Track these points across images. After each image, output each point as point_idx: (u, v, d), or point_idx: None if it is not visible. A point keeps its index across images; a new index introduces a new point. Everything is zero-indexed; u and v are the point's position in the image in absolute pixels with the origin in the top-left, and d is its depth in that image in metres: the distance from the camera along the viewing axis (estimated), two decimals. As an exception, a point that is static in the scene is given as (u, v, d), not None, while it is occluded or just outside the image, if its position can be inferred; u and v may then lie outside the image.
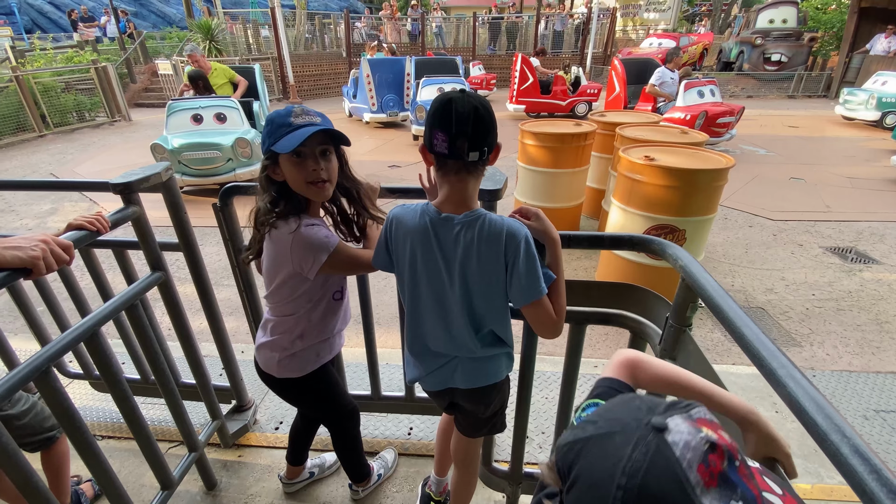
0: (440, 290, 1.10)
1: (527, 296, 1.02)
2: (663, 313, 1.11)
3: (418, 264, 1.10)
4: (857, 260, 3.86)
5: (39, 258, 1.00)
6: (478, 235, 1.02)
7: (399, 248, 1.13)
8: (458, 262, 1.05)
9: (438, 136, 0.96)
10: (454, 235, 1.04)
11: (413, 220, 1.09)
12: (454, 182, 1.03)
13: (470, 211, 1.05)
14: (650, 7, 18.65)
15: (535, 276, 1.01)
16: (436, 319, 1.14)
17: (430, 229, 1.06)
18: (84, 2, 21.13)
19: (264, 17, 14.15)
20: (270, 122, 1.10)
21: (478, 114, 0.94)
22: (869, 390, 2.44)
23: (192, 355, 1.73)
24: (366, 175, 1.34)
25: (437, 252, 1.07)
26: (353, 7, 27.34)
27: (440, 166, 1.03)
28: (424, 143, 1.03)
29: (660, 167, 2.82)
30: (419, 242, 1.08)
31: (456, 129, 0.94)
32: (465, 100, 0.94)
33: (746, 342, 0.74)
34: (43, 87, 8.74)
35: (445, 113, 0.94)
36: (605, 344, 2.81)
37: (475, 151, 0.97)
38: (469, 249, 1.03)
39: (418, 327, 1.19)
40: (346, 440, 1.63)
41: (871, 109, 8.75)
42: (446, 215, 1.05)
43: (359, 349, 2.42)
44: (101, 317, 1.26)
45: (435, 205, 1.07)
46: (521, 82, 9.44)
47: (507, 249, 1.01)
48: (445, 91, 0.97)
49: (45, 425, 1.42)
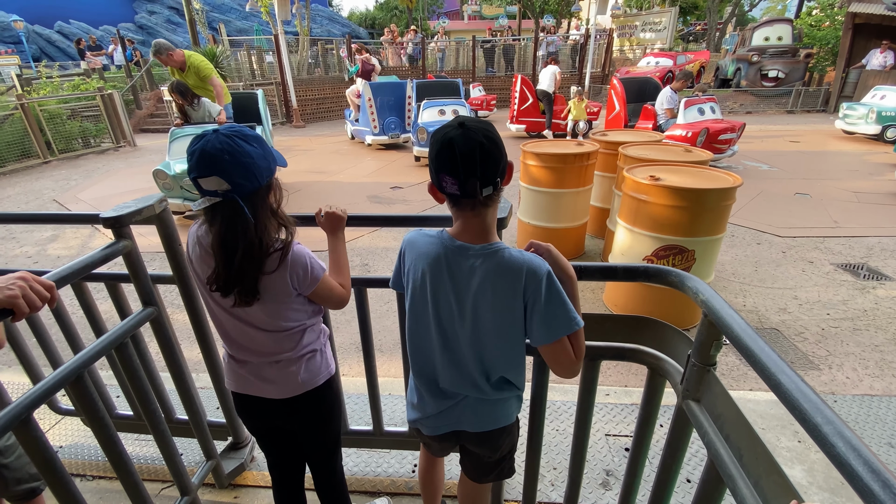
0: (448, 324, 1.04)
1: (553, 332, 0.95)
2: (683, 349, 1.04)
3: (428, 294, 1.04)
4: (869, 277, 3.77)
5: (18, 297, 0.93)
6: (495, 268, 0.96)
7: (409, 275, 1.07)
8: (472, 294, 0.98)
9: (447, 180, 0.91)
10: (469, 266, 0.98)
11: (426, 247, 1.03)
12: (470, 217, 0.98)
13: (488, 243, 0.98)
14: (646, 27, 18.96)
15: (563, 310, 0.94)
16: (444, 354, 1.07)
17: (444, 258, 1.00)
18: (92, 31, 21.71)
19: (268, 43, 14.45)
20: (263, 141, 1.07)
21: (484, 149, 0.88)
22: (893, 416, 2.33)
23: (186, 392, 1.65)
24: (368, 196, 1.31)
25: (449, 283, 1.00)
26: (355, 32, 27.97)
27: (454, 203, 0.98)
28: (433, 182, 0.97)
29: (666, 187, 2.77)
30: (430, 271, 1.02)
31: (464, 172, 0.88)
32: (467, 137, 0.87)
33: (785, 392, 0.67)
34: (48, 115, 8.85)
35: (449, 156, 0.88)
36: (616, 371, 2.71)
37: (488, 187, 0.92)
38: (484, 282, 0.97)
39: (426, 362, 1.12)
40: (340, 473, 1.49)
41: (872, 123, 8.76)
42: (462, 244, 0.99)
43: (359, 378, 2.34)
44: (87, 358, 1.19)
45: (451, 233, 1.02)
46: (521, 102, 9.52)
47: (526, 287, 0.94)
48: (444, 126, 0.92)
49: (33, 471, 1.33)
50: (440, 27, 18.56)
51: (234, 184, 0.98)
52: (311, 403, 1.28)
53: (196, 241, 1.12)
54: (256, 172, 1.02)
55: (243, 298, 1.08)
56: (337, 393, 1.39)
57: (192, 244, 1.14)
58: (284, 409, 1.27)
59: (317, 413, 1.32)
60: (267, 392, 1.24)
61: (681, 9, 20.74)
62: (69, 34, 22.53)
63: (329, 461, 1.44)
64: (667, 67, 13.35)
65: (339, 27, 29.84)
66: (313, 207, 1.34)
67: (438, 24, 22.16)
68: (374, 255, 4.32)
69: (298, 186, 6.53)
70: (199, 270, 1.13)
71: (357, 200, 5.87)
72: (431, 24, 29.32)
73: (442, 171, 0.91)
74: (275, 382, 1.23)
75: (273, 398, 1.25)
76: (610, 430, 2.15)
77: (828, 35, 15.66)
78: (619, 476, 1.91)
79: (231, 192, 0.99)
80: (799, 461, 1.98)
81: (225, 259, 1.04)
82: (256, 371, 1.23)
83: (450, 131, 0.89)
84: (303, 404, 1.27)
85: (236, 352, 1.23)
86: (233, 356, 1.25)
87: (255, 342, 1.19)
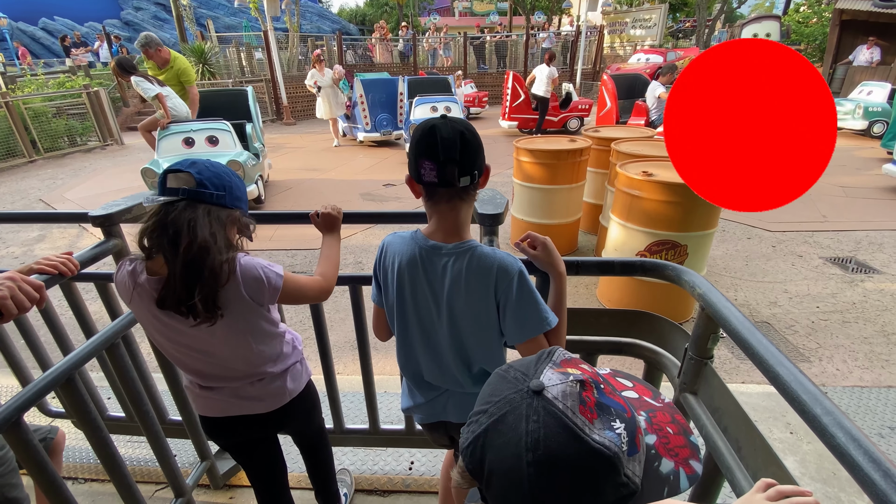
0: (428, 322, 1.05)
1: (526, 331, 0.96)
2: (680, 343, 1.05)
3: (406, 293, 1.05)
4: (857, 270, 3.83)
5: (6, 297, 0.92)
6: (466, 267, 0.96)
7: (388, 276, 1.08)
8: (446, 293, 0.99)
9: (426, 165, 0.91)
10: (441, 266, 0.98)
11: (402, 247, 1.04)
12: (445, 211, 0.98)
13: (461, 241, 0.99)
14: (636, 24, 19.04)
15: (534, 310, 0.95)
16: (425, 350, 1.09)
17: (419, 258, 1.01)
18: (77, 27, 21.33)
19: (257, 40, 14.29)
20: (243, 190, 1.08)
21: (464, 138, 0.90)
22: (882, 406, 2.37)
23: (179, 393, 1.63)
24: (361, 193, 1.30)
25: (425, 282, 1.02)
26: (346, 29, 27.79)
27: (430, 195, 0.98)
28: (410, 174, 0.98)
29: (659, 182, 2.78)
30: (407, 271, 1.03)
31: (444, 155, 0.89)
32: (449, 125, 0.90)
33: (783, 384, 0.67)
34: (33, 113, 8.68)
35: (430, 141, 0.89)
36: (609, 365, 2.73)
37: (466, 176, 0.92)
38: (457, 282, 0.97)
39: (409, 357, 1.14)
40: (331, 458, 1.55)
41: (858, 119, 8.88)
42: (435, 244, 0.99)
43: (355, 377, 2.33)
44: (78, 359, 1.17)
45: (425, 233, 1.02)
46: (514, 99, 9.52)
47: (497, 285, 0.95)
48: (427, 119, 0.93)
49: (10, 494, 1.20)
50: (431, 24, 18.50)
51: (200, 184, 0.97)
52: (297, 407, 1.29)
53: (131, 282, 1.00)
54: (226, 191, 1.02)
55: (205, 310, 0.97)
56: (315, 390, 1.41)
57: (127, 287, 1.01)
58: (271, 420, 1.25)
59: (303, 413, 1.34)
60: (253, 409, 1.21)
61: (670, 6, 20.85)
62: (54, 31, 22.14)
63: (319, 442, 1.49)
64: (657, 64, 13.40)
65: (330, 23, 29.62)
66: (306, 205, 1.34)
67: (429, 21, 22.08)
68: (368, 252, 4.30)
69: (290, 184, 6.47)
70: (143, 309, 1.03)
71: (350, 198, 5.83)
72: (422, 20, 29.19)
73: (421, 157, 0.91)
74: (262, 399, 1.21)
75: (259, 413, 1.22)
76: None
77: (815, 32, 15.84)
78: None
79: (195, 189, 0.97)
80: (791, 452, 2.01)
81: (174, 257, 0.94)
82: (235, 392, 1.18)
83: (432, 120, 0.92)
84: (291, 410, 1.27)
85: (206, 381, 1.17)
86: (201, 385, 1.18)
87: (227, 369, 1.14)
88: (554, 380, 0.48)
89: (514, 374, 0.53)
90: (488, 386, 0.56)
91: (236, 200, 1.04)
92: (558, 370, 0.49)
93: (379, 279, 1.12)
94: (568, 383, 0.47)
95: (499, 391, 0.52)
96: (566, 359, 0.52)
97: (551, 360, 0.51)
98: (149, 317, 1.03)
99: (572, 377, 0.48)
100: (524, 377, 0.50)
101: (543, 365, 0.51)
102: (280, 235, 4.60)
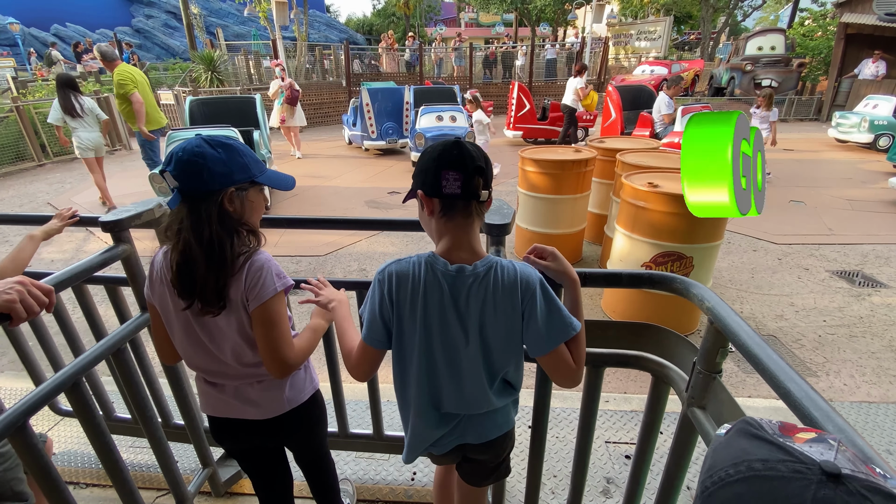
0: (453, 349, 1.00)
1: (552, 340, 0.95)
2: (687, 356, 1.04)
3: (433, 324, 0.98)
4: (864, 284, 3.80)
5: (15, 301, 0.92)
6: (493, 286, 0.95)
7: (405, 307, 0.99)
8: (476, 317, 0.97)
9: (450, 176, 0.91)
10: (467, 287, 0.96)
11: (417, 276, 0.98)
12: (463, 225, 0.97)
13: (481, 259, 0.98)
14: (641, 36, 19.17)
15: (558, 316, 0.95)
16: (450, 380, 1.03)
17: (445, 284, 0.96)
18: (88, 34, 21.67)
19: (266, 48, 14.47)
20: (246, 152, 1.07)
21: (483, 156, 0.94)
22: (891, 423, 2.34)
23: (183, 398, 1.63)
24: (366, 201, 1.29)
25: (452, 308, 0.97)
26: (353, 38, 28.10)
27: (446, 210, 0.95)
28: (425, 190, 0.95)
29: (665, 194, 2.78)
30: (430, 298, 0.97)
31: (472, 165, 0.91)
32: (469, 144, 0.94)
33: (794, 401, 0.67)
34: (43, 117, 8.79)
35: (456, 153, 0.92)
36: (615, 377, 2.71)
37: (486, 190, 0.95)
38: (486, 303, 0.96)
39: (432, 389, 1.06)
40: (333, 480, 1.51)
41: (864, 132, 8.87)
42: (459, 266, 0.96)
43: (359, 385, 2.32)
44: (84, 364, 1.18)
45: (441, 254, 0.98)
46: (518, 109, 9.58)
47: (523, 298, 0.95)
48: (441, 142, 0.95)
49: (18, 488, 1.24)
50: (437, 34, 18.69)
51: (181, 181, 0.99)
52: (295, 420, 1.25)
53: (160, 267, 1.09)
54: (206, 176, 0.99)
55: (207, 301, 1.02)
56: (322, 406, 1.36)
57: (155, 265, 1.10)
58: (268, 429, 1.23)
59: (302, 428, 1.30)
60: (249, 414, 1.20)
61: (675, 18, 21.01)
62: (66, 37, 22.48)
63: (320, 462, 1.45)
64: (662, 76, 13.48)
65: (337, 33, 29.98)
66: (311, 211, 1.33)
67: (436, 32, 22.31)
68: (372, 259, 4.31)
69: (296, 191, 6.48)
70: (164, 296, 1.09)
71: (354, 205, 5.85)
72: (429, 30, 29.50)
73: (445, 168, 0.91)
74: (258, 405, 1.19)
75: (255, 419, 1.21)
76: (610, 437, 2.14)
77: (820, 45, 15.89)
78: (620, 483, 1.90)
79: (179, 188, 1.00)
80: (799, 468, 1.98)
81: (181, 252, 1.01)
82: (236, 392, 1.19)
83: (451, 140, 0.94)
84: (288, 422, 1.23)
85: (211, 376, 1.19)
86: (207, 380, 1.20)
87: (226, 365, 1.14)
88: (847, 466, 0.40)
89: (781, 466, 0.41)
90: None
91: (218, 177, 1.00)
92: (847, 455, 0.41)
93: (385, 317, 1.00)
94: (860, 468, 0.40)
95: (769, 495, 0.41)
96: (842, 439, 0.43)
97: (837, 443, 0.42)
98: (166, 298, 1.09)
99: (858, 462, 0.40)
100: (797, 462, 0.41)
101: (830, 449, 0.42)
102: (286, 241, 4.62)
